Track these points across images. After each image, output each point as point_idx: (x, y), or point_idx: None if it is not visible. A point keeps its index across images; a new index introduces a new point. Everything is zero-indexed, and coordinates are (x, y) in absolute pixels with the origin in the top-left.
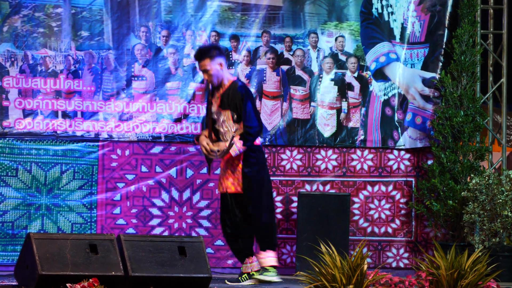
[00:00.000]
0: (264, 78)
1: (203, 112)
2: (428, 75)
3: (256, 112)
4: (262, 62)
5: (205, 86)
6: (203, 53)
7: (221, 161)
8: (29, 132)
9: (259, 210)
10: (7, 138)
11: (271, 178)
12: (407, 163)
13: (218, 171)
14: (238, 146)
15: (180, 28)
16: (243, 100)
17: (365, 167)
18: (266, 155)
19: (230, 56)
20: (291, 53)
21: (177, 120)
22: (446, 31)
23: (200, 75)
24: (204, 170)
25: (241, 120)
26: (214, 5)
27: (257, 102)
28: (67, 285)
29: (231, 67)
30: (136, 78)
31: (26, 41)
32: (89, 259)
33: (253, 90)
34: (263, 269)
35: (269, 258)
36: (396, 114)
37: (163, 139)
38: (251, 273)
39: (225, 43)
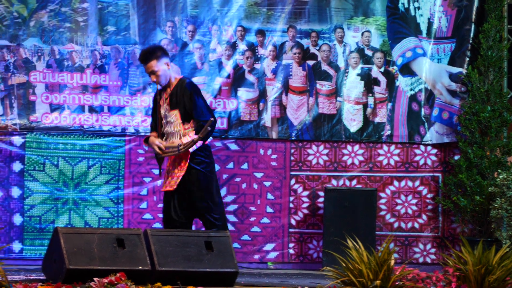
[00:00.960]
0: (290, 73)
1: (229, 107)
2: (454, 70)
3: (208, 106)
4: (288, 57)
5: (156, 90)
6: (148, 55)
7: (168, 160)
8: (56, 126)
9: (212, 206)
10: (34, 133)
11: (298, 173)
12: (434, 158)
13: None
14: (192, 139)
15: (206, 23)
16: (191, 97)
17: (392, 162)
18: (292, 150)
19: (256, 51)
20: (317, 48)
21: None
22: (473, 26)
23: (227, 70)
24: (231, 165)
25: (191, 118)
26: (240, 0)
27: (283, 97)
28: (94, 279)
29: (257, 62)
30: None
31: (52, 36)
32: (116, 253)
33: (279, 85)
34: None
35: None
36: (422, 109)
37: None
38: None
39: (251, 38)
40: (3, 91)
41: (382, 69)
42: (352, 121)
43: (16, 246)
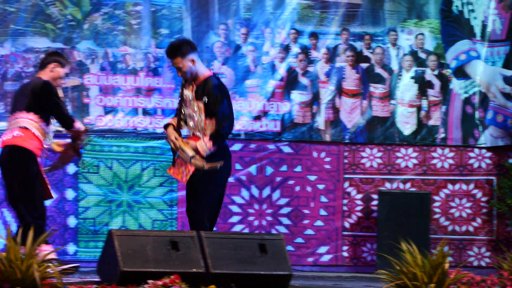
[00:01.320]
0: (344, 76)
1: (282, 110)
2: (509, 73)
3: (230, 111)
4: (341, 59)
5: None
6: (174, 51)
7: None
8: (110, 129)
9: (199, 210)
10: (88, 135)
11: (352, 176)
12: (488, 161)
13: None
14: (208, 147)
15: (259, 26)
16: (217, 100)
17: (446, 165)
18: (346, 153)
19: (309, 53)
20: (371, 50)
21: (257, 118)
22: None
23: (280, 73)
24: (284, 168)
25: (213, 117)
26: (294, 3)
27: (337, 100)
28: (149, 281)
29: (310, 65)
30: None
31: (106, 38)
32: (170, 256)
33: (332, 87)
34: None
35: None
36: (476, 112)
37: (242, 137)
38: None
39: (304, 40)
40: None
41: (436, 72)
42: (406, 124)
43: (71, 248)
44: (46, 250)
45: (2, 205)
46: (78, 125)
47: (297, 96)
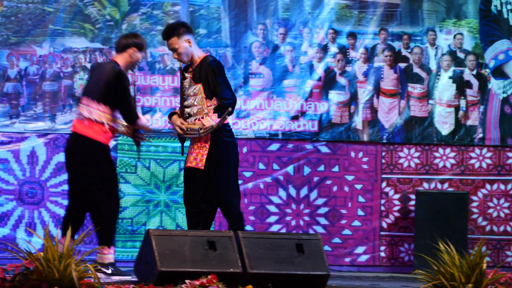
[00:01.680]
0: (382, 76)
1: (320, 110)
2: None
3: (228, 84)
4: (379, 59)
5: (179, 67)
6: (170, 32)
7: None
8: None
9: (229, 194)
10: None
11: (389, 176)
12: None
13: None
14: (214, 120)
15: (297, 26)
16: (215, 73)
17: (484, 165)
18: (383, 153)
19: (348, 53)
20: (409, 50)
21: (294, 118)
22: None
23: (318, 73)
24: (322, 168)
25: (213, 95)
26: (332, 3)
27: (375, 100)
28: (186, 281)
29: (348, 65)
30: (253, 76)
31: (144, 38)
32: (208, 255)
33: (370, 87)
34: None
35: None
36: None
37: (280, 137)
38: None
39: (342, 40)
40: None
41: (474, 72)
42: (444, 124)
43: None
44: (109, 254)
45: (40, 204)
46: (142, 122)
47: (335, 96)
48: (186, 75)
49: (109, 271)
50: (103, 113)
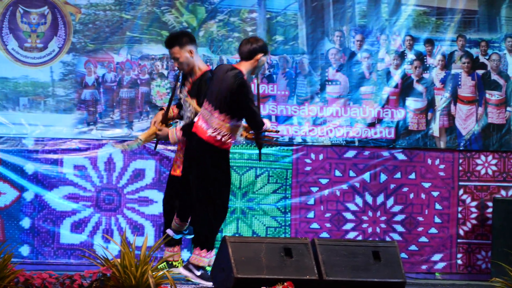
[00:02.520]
0: (459, 83)
1: (397, 117)
2: None
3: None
4: (457, 66)
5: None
6: (172, 40)
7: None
8: None
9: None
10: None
11: (466, 183)
12: None
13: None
14: (177, 135)
15: (374, 33)
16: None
17: None
18: (460, 160)
19: (425, 60)
20: (487, 57)
21: (371, 125)
22: None
23: (395, 79)
24: (398, 175)
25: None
26: (409, 9)
27: (452, 107)
28: None
29: (425, 72)
30: (330, 83)
31: (221, 45)
32: (284, 262)
33: (447, 94)
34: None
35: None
36: None
37: (356, 144)
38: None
39: (419, 47)
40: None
41: None
42: None
43: (185, 254)
44: (205, 257)
45: (117, 211)
46: (267, 126)
47: (412, 103)
48: (186, 86)
49: (198, 273)
50: (223, 122)
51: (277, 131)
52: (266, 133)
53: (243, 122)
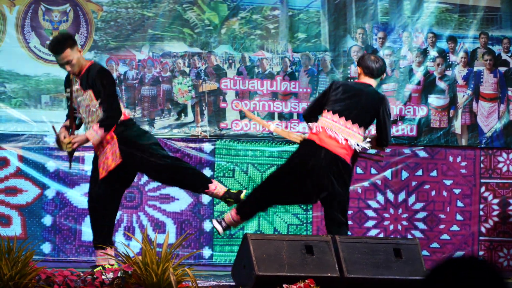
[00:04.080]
0: (481, 80)
1: (419, 114)
2: None
3: (116, 96)
4: (479, 63)
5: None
6: (61, 44)
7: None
8: (246, 133)
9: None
10: (224, 140)
11: (488, 180)
12: None
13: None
14: (99, 134)
15: (396, 30)
16: (104, 84)
17: None
18: (482, 157)
19: (447, 57)
20: (509, 54)
21: (393, 122)
22: None
23: (417, 77)
24: (420, 172)
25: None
26: (431, 7)
27: (474, 104)
28: (284, 285)
29: (448, 69)
30: (352, 80)
31: (243, 43)
32: (305, 260)
33: (469, 92)
34: None
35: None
36: None
37: None
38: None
39: (442, 44)
40: (194, 98)
41: None
42: None
43: (206, 252)
44: None
45: (138, 208)
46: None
47: (434, 100)
48: (74, 89)
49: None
50: (360, 136)
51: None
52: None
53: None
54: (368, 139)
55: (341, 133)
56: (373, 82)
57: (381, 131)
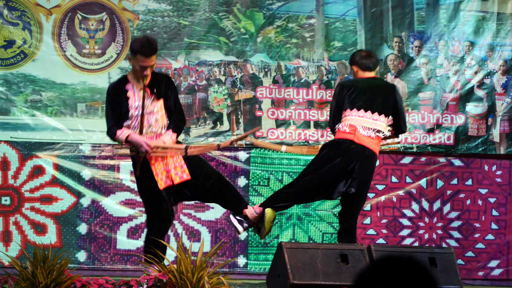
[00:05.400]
0: None
1: (456, 122)
2: None
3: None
4: None
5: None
6: (155, 48)
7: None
8: (282, 142)
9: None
10: (259, 148)
11: None
12: None
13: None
14: (173, 139)
15: (432, 38)
16: (174, 91)
17: None
18: None
19: (485, 65)
20: None
21: (430, 131)
22: None
23: (454, 85)
24: (455, 181)
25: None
26: (468, 15)
27: None
28: None
29: (486, 77)
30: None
31: (279, 51)
32: (340, 268)
33: (508, 99)
34: None
35: None
36: None
37: (415, 150)
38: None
39: (479, 52)
40: (230, 107)
41: None
42: None
43: (241, 260)
44: None
45: (174, 216)
46: None
47: (472, 108)
48: (131, 93)
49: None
50: (384, 124)
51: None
52: None
53: None
54: (388, 128)
55: (371, 126)
56: (373, 74)
57: (399, 117)
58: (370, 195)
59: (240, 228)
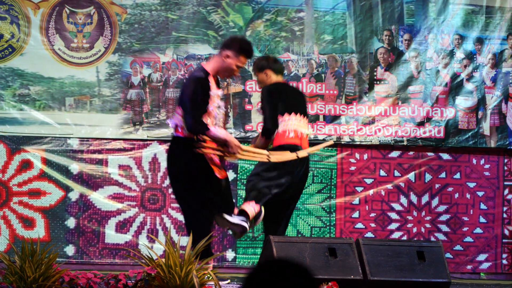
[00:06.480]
0: (510, 81)
1: (446, 116)
2: None
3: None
4: (507, 65)
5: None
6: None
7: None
8: None
9: None
10: (247, 143)
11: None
12: None
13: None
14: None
15: (422, 32)
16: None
17: None
18: (506, 160)
19: (475, 59)
20: None
21: (420, 124)
22: None
23: (444, 78)
24: (443, 175)
25: None
26: (457, 8)
27: (503, 105)
28: None
29: (475, 70)
30: (378, 82)
31: (268, 45)
32: (328, 262)
33: (498, 93)
34: None
35: None
36: None
37: (405, 143)
38: None
39: (469, 46)
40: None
41: None
42: None
43: (229, 254)
44: None
45: (162, 211)
46: None
47: (462, 101)
48: (217, 90)
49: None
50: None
51: None
52: None
53: None
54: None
55: (305, 130)
56: (281, 78)
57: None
58: (359, 188)
59: (247, 225)
